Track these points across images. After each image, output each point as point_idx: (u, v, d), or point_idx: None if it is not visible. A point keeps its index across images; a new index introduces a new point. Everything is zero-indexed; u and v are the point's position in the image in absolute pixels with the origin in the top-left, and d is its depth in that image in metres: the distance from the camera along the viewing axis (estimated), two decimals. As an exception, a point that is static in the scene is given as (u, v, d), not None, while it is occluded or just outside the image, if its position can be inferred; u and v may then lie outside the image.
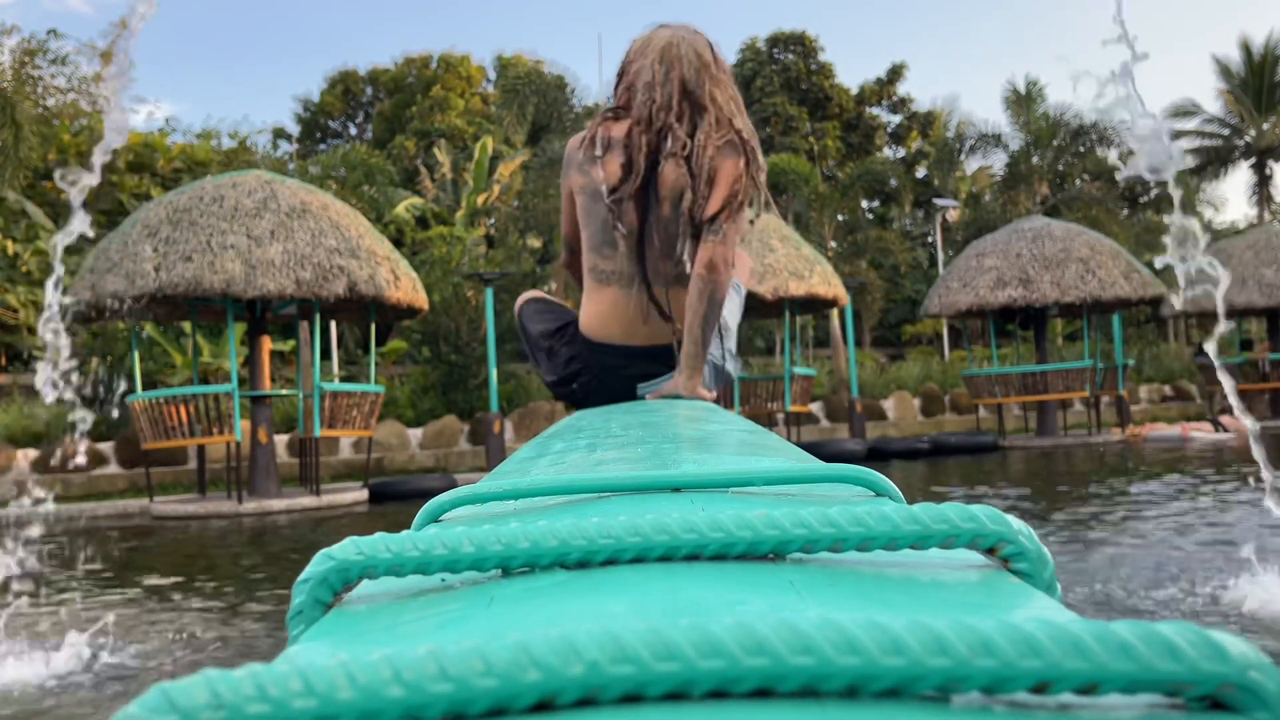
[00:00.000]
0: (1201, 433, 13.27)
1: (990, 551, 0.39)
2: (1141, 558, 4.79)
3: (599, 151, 1.92)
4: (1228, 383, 4.49)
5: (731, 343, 2.02)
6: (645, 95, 1.90)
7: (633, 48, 2.02)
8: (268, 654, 3.73)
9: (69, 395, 6.49)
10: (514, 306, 2.24)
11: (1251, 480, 7.03)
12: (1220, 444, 12.32)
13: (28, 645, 3.96)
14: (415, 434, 13.18)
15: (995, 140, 22.30)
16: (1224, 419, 14.02)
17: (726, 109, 1.90)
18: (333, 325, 16.92)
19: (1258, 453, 4.27)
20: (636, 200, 1.89)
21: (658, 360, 1.93)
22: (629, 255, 1.92)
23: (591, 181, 1.93)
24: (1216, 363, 5.13)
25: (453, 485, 10.55)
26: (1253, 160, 28.64)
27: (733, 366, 2.01)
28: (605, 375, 1.94)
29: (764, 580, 0.36)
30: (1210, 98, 41.82)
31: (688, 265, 1.91)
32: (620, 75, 2.02)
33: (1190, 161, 28.74)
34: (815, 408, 15.38)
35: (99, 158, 5.37)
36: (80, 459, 10.81)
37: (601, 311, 1.96)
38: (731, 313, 2.02)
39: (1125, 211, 24.23)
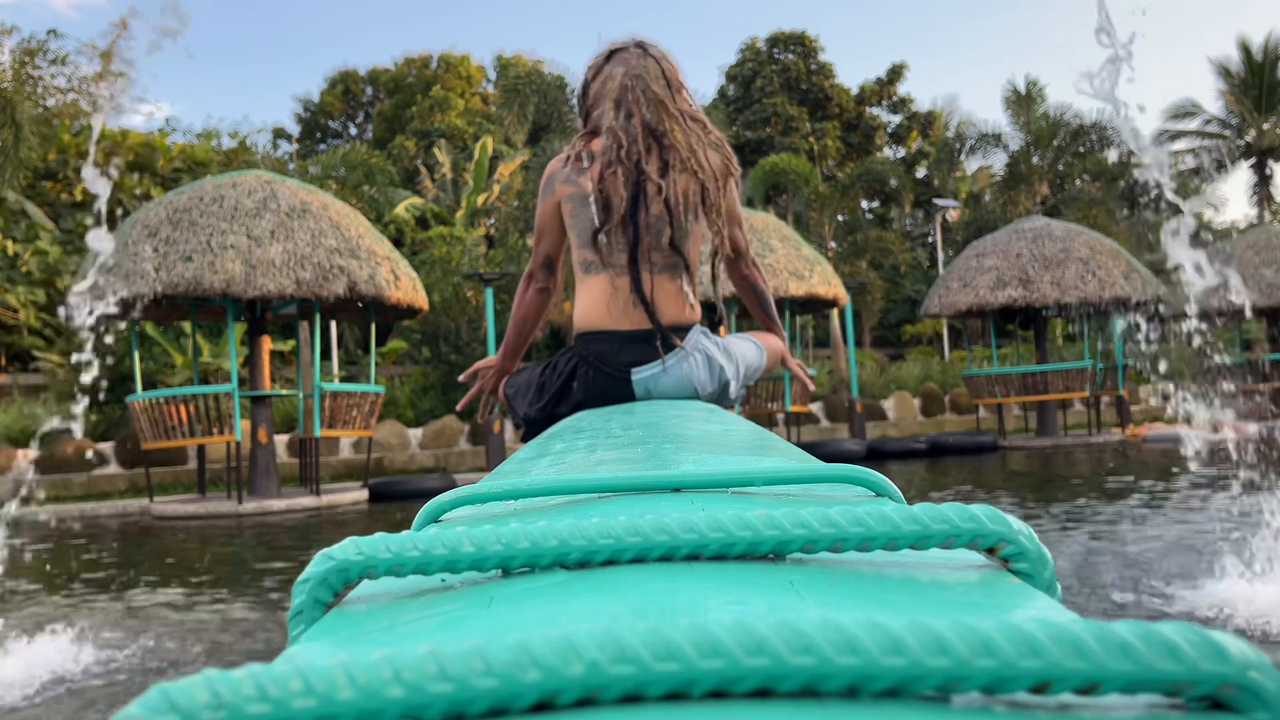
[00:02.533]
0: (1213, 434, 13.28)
1: (990, 551, 0.39)
2: (1140, 557, 4.79)
3: (585, 163, 1.98)
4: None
5: (743, 375, 2.08)
6: (610, 139, 1.97)
7: (592, 83, 2.07)
8: (268, 654, 3.73)
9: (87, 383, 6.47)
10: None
11: (1247, 481, 7.03)
12: (1220, 443, 12.31)
13: (26, 646, 3.96)
14: (415, 434, 13.17)
15: (995, 140, 22.28)
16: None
17: (686, 147, 1.98)
18: (333, 325, 16.92)
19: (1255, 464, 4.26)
20: (623, 228, 1.96)
21: (647, 344, 1.95)
22: (618, 248, 1.97)
23: (580, 189, 1.99)
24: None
25: (452, 485, 10.55)
26: (1253, 160, 28.63)
27: (735, 390, 2.07)
28: (599, 363, 1.95)
29: (764, 580, 0.36)
30: (1210, 98, 41.78)
31: (689, 294, 2.00)
32: (582, 99, 2.09)
33: (1190, 161, 28.75)
34: (815, 408, 15.38)
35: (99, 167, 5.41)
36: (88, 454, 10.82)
37: (591, 300, 2.00)
38: (749, 362, 2.11)
39: (1125, 212, 24.20)
